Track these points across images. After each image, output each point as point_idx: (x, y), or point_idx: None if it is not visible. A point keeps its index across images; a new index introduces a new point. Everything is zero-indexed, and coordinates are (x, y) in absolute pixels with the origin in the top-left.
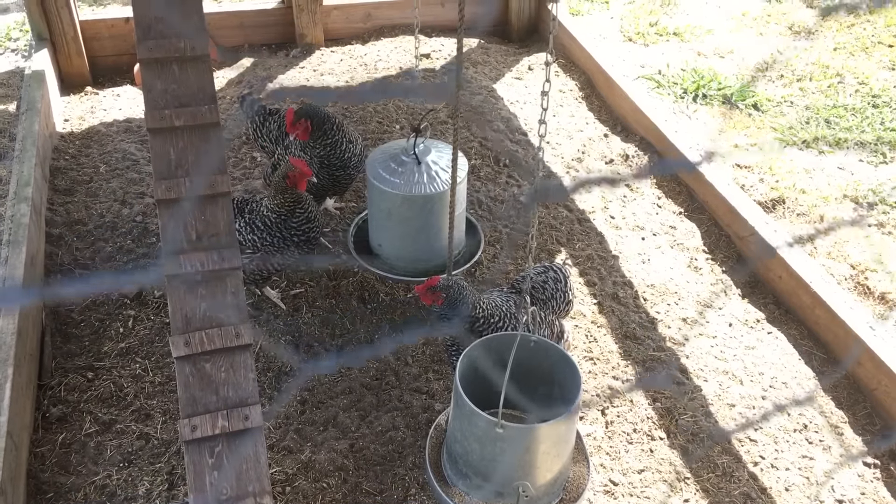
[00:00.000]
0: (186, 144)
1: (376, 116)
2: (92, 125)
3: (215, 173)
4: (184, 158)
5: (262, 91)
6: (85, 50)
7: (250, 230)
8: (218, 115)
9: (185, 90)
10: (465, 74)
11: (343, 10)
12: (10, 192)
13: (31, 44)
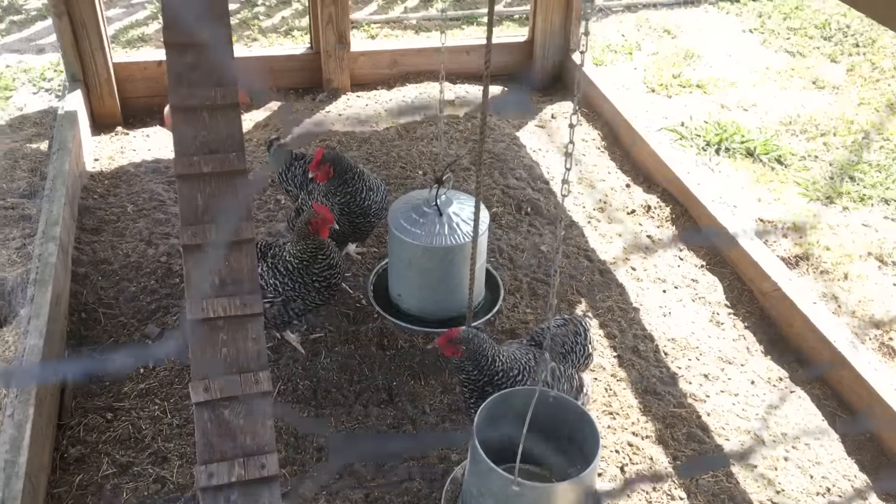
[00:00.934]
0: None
1: (399, 161)
2: (121, 165)
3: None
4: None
5: (288, 135)
6: (117, 91)
7: (273, 275)
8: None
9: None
10: (489, 122)
11: (370, 57)
12: (39, 231)
13: (64, 84)
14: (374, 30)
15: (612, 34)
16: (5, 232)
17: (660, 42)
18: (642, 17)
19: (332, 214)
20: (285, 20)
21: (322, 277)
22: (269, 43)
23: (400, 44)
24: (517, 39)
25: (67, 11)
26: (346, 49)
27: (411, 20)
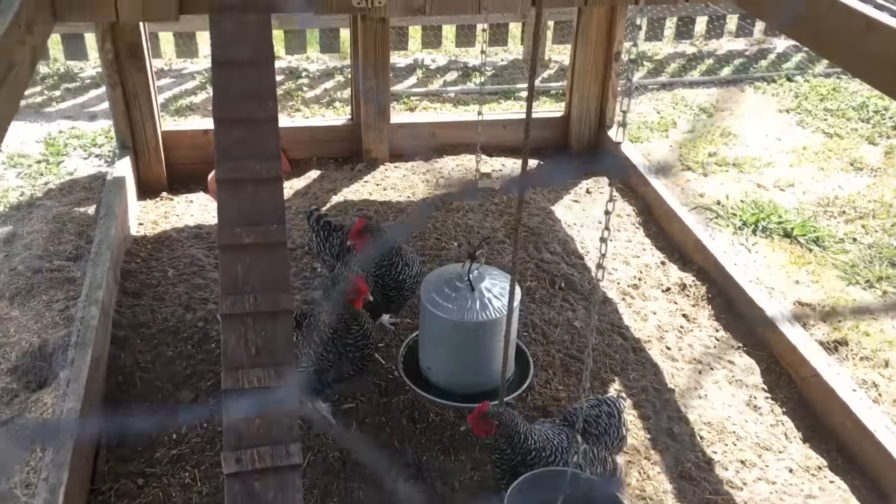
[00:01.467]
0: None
1: (435, 233)
2: (164, 230)
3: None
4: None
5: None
6: (164, 158)
7: (307, 344)
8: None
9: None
10: (524, 195)
11: (408, 128)
12: (83, 294)
13: (114, 151)
14: (414, 102)
15: (647, 111)
16: (50, 294)
17: (696, 120)
18: (678, 96)
19: (367, 286)
20: (327, 91)
21: (356, 347)
22: (311, 113)
23: (438, 116)
24: (553, 114)
25: (121, 82)
26: (385, 120)
27: (450, 93)
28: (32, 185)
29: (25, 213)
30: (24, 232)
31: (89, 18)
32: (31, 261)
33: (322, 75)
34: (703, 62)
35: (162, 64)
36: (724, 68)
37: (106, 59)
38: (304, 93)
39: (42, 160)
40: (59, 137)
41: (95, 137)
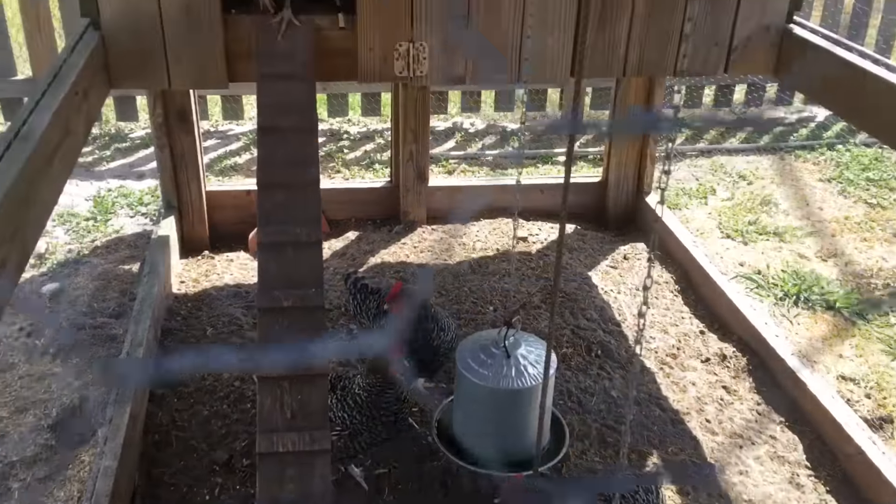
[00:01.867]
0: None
1: (471, 296)
2: (205, 288)
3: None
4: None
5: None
6: (207, 217)
7: (341, 407)
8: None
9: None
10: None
11: (446, 192)
12: (123, 352)
13: (160, 210)
14: (452, 165)
15: (686, 177)
16: (92, 351)
17: (735, 187)
18: (717, 162)
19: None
20: (367, 154)
21: (390, 412)
22: (351, 175)
23: (476, 180)
24: (591, 180)
25: (169, 144)
26: (424, 183)
27: (488, 157)
28: (80, 242)
29: (72, 270)
30: (70, 288)
31: (143, 86)
32: (75, 317)
33: (363, 137)
34: (742, 129)
35: (209, 125)
36: (764, 136)
37: (156, 122)
38: (345, 154)
39: (91, 218)
40: (108, 196)
41: (142, 196)
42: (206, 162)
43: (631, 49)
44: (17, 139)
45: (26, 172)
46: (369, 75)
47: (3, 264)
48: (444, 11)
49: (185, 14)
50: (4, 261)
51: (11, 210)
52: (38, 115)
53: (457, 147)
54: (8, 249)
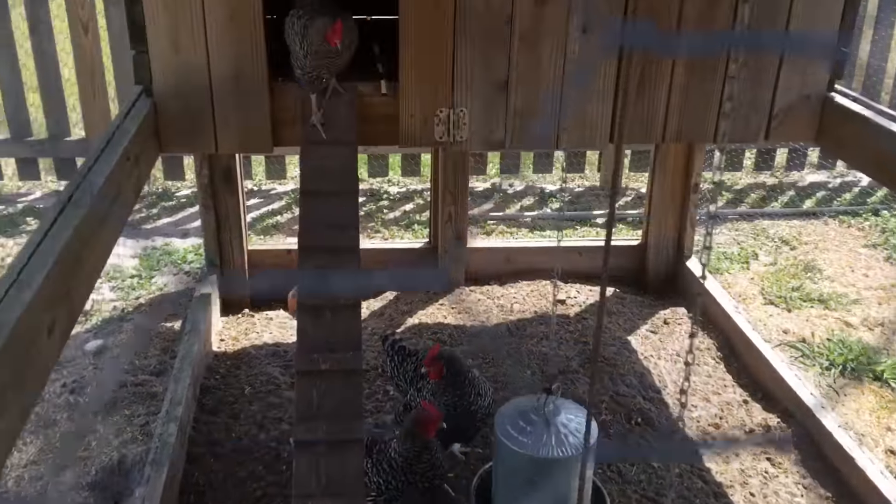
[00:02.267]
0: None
1: (509, 359)
2: (244, 346)
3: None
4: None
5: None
6: (248, 276)
7: (377, 472)
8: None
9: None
10: None
11: (484, 253)
12: (163, 410)
13: (203, 268)
14: (490, 226)
15: (727, 241)
16: (132, 408)
17: (777, 252)
18: (759, 227)
19: (441, 412)
20: (407, 214)
21: (426, 477)
22: (390, 235)
23: (514, 241)
24: (630, 243)
25: (214, 205)
26: (462, 246)
27: (526, 218)
28: (125, 299)
29: (116, 327)
30: (113, 345)
31: (191, 150)
32: (117, 375)
33: (402, 198)
34: (783, 193)
35: (252, 184)
36: (806, 200)
37: (201, 183)
38: (385, 214)
39: (136, 275)
40: (154, 253)
41: (186, 254)
42: (248, 220)
43: (670, 117)
44: (71, 204)
45: (78, 236)
46: (410, 140)
47: (53, 326)
48: (483, 78)
49: (234, 82)
50: (54, 322)
51: (62, 273)
52: (91, 179)
53: (495, 208)
54: (58, 311)
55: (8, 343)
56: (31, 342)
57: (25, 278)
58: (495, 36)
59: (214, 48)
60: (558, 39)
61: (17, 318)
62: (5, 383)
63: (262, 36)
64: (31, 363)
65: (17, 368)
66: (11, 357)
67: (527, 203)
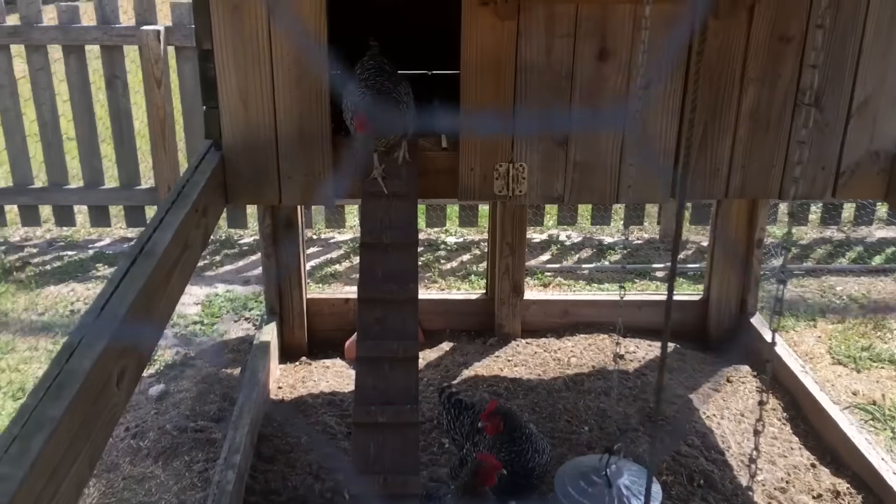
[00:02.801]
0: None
1: (566, 415)
2: (301, 394)
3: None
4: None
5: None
6: (307, 324)
7: None
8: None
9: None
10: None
11: (541, 305)
12: (222, 457)
13: (263, 316)
14: (548, 278)
15: (793, 298)
16: (192, 454)
17: (846, 310)
18: (826, 283)
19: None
20: (464, 264)
21: None
22: (447, 286)
23: (572, 294)
24: (691, 298)
25: (275, 253)
26: (519, 297)
27: (584, 271)
28: (187, 344)
29: (178, 373)
30: (174, 390)
31: (256, 202)
32: (178, 420)
33: (459, 248)
34: (851, 249)
35: (312, 233)
36: (876, 256)
37: (263, 231)
38: (442, 265)
39: (198, 321)
40: (216, 300)
41: (247, 301)
42: (307, 269)
43: (733, 173)
44: (142, 255)
45: (148, 287)
46: (469, 194)
47: (122, 376)
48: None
49: (299, 137)
50: (123, 372)
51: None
52: (162, 232)
53: (553, 260)
54: (127, 361)
55: (79, 392)
56: (101, 392)
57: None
58: (556, 91)
59: (281, 105)
60: (619, 94)
61: (88, 368)
62: (76, 433)
63: (326, 93)
64: (100, 412)
65: (88, 418)
66: (82, 406)
67: (584, 255)
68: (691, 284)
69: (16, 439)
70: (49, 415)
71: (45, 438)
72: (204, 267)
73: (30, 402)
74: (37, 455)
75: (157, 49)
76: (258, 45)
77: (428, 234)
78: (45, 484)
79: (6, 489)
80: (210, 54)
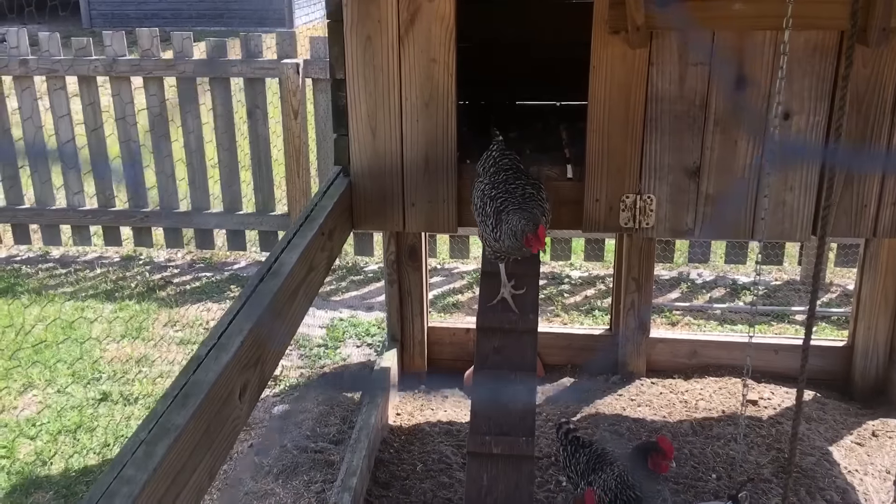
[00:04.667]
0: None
1: (692, 460)
2: (418, 422)
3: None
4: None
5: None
6: (427, 352)
7: None
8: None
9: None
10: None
11: (668, 344)
12: (339, 479)
13: (384, 342)
14: (676, 317)
15: None
16: (311, 475)
17: None
18: None
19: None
20: (588, 299)
21: None
22: (569, 320)
23: (701, 334)
24: (834, 344)
25: (398, 280)
26: (645, 335)
27: (716, 310)
28: (311, 367)
29: (302, 394)
30: (297, 411)
31: (380, 228)
32: (299, 440)
33: (584, 283)
34: None
35: (436, 262)
36: None
37: (388, 259)
38: (565, 299)
39: (322, 344)
40: (340, 325)
41: (369, 327)
42: (430, 298)
43: (883, 210)
44: (269, 274)
45: (273, 304)
46: (594, 225)
47: (245, 389)
48: (673, 164)
49: (424, 165)
50: (246, 386)
51: (256, 340)
52: (289, 253)
53: (682, 298)
54: (250, 375)
55: (203, 402)
56: (224, 403)
57: (224, 342)
58: (688, 121)
59: (408, 134)
60: (757, 125)
61: (214, 379)
62: (199, 442)
63: (453, 121)
64: (222, 423)
65: (211, 427)
66: (206, 416)
67: (716, 294)
68: (835, 330)
69: (142, 444)
70: (174, 422)
71: (169, 444)
72: (330, 292)
73: (158, 408)
74: (160, 460)
75: (295, 81)
76: (388, 73)
77: (552, 268)
78: (167, 489)
79: (129, 491)
80: (342, 84)
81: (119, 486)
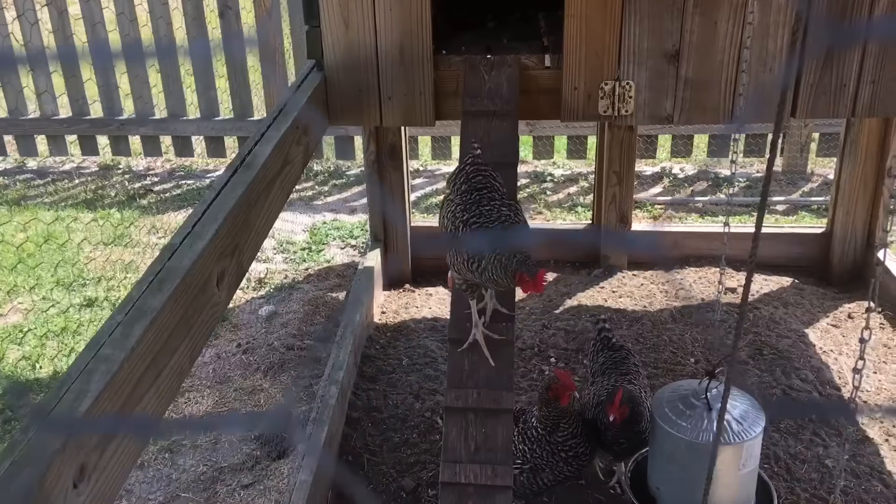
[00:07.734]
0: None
1: (671, 346)
2: (404, 319)
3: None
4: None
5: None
6: (410, 251)
7: (522, 440)
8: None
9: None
10: (774, 315)
11: (649, 237)
12: (325, 373)
13: (367, 243)
14: (657, 210)
15: None
16: (299, 370)
17: None
18: None
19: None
20: (570, 196)
21: (567, 447)
22: (552, 217)
23: (682, 226)
24: (813, 230)
25: (379, 181)
26: (627, 227)
27: (697, 203)
28: (295, 269)
29: (287, 295)
30: (283, 311)
31: (357, 122)
32: (286, 338)
33: (566, 180)
34: None
35: (418, 164)
36: None
37: (368, 159)
38: (548, 196)
39: (306, 247)
40: (323, 228)
41: (353, 229)
42: (413, 199)
43: (862, 88)
44: (243, 166)
45: (248, 196)
46: (573, 114)
47: (222, 276)
48: (652, 49)
49: (400, 56)
50: (223, 273)
51: (232, 228)
52: (263, 145)
53: (664, 192)
54: (227, 263)
55: (180, 286)
56: (201, 290)
57: (199, 230)
58: (668, 2)
59: (382, 24)
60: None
61: (189, 266)
62: (176, 325)
63: (428, 11)
64: (200, 309)
65: (188, 313)
66: (183, 301)
67: (699, 188)
68: (815, 218)
69: (119, 325)
70: (151, 305)
71: (145, 326)
72: (313, 196)
73: (134, 293)
74: (138, 340)
75: None
76: None
77: (535, 167)
78: (146, 369)
79: (108, 368)
80: None
81: (97, 364)
